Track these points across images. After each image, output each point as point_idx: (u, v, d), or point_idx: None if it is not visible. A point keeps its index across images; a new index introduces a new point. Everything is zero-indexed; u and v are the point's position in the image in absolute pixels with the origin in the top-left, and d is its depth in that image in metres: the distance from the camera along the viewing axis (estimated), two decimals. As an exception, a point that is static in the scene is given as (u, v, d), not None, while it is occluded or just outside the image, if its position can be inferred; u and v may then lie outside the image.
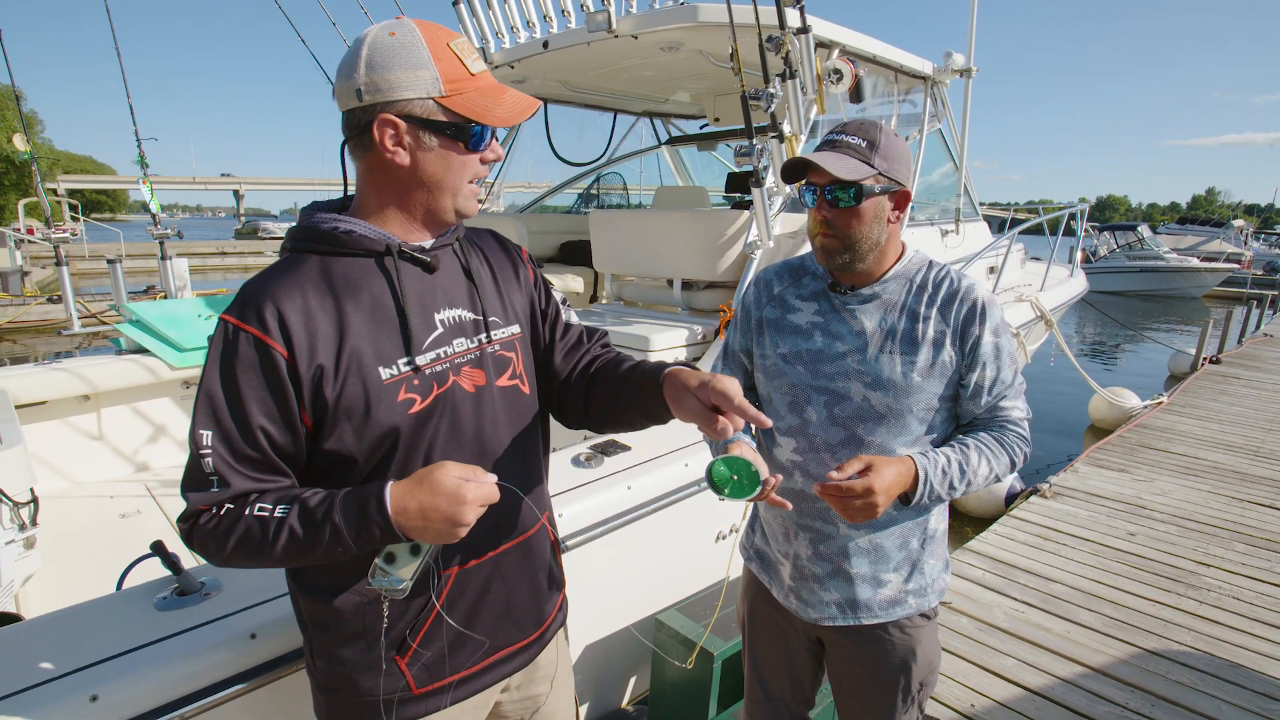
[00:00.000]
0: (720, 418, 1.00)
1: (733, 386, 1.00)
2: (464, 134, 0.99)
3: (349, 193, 1.10)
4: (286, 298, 0.95)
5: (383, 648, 1.05)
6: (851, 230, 1.27)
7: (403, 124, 0.96)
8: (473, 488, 0.91)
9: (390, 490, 0.92)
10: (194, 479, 0.95)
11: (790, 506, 1.27)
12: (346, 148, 1.02)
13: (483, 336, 1.11)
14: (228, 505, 0.94)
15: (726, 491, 1.16)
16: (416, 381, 1.02)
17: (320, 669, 1.09)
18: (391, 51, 0.94)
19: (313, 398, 0.96)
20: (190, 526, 0.96)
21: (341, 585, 1.04)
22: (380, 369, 0.99)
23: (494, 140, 1.04)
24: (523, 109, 1.02)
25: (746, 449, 1.25)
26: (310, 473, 1.02)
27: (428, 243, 1.07)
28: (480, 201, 1.12)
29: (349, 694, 1.08)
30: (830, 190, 1.26)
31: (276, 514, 0.93)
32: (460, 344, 1.08)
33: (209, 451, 0.93)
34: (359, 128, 0.97)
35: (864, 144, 1.26)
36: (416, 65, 0.94)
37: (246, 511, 0.94)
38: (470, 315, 1.10)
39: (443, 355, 1.05)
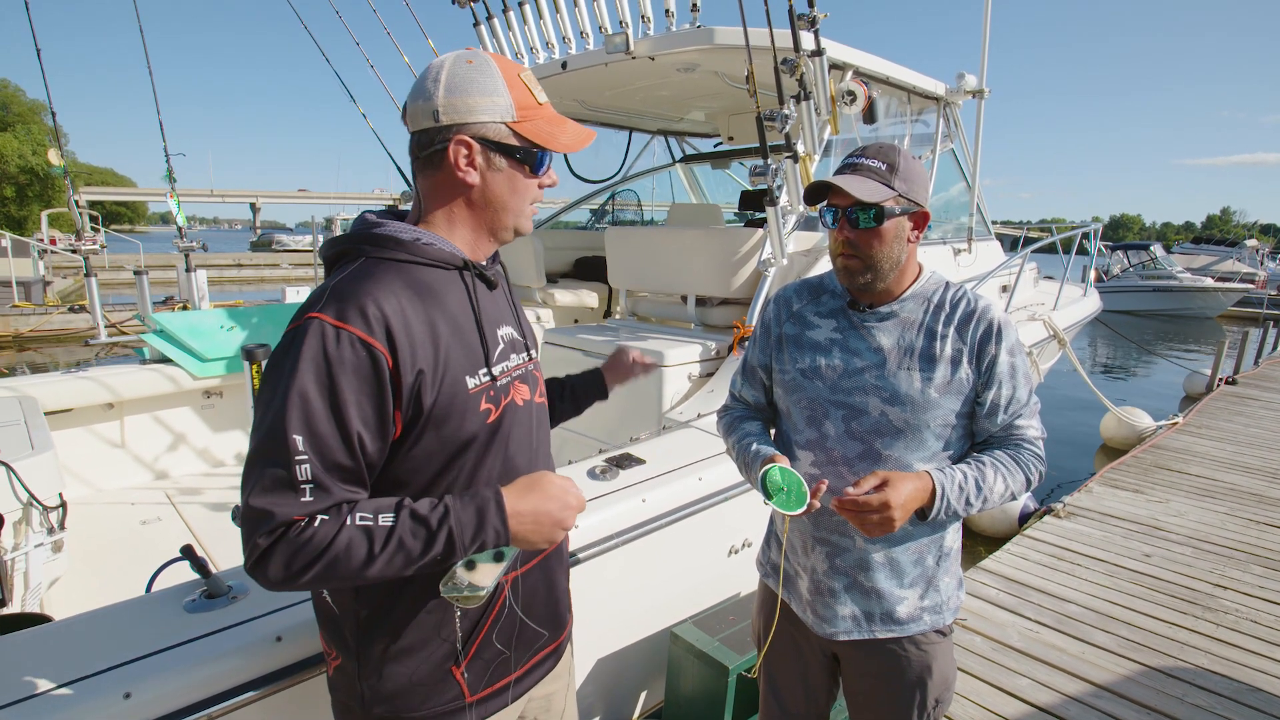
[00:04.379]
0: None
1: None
2: (530, 158, 1.05)
3: (401, 208, 1.15)
4: (386, 299, 0.93)
5: (449, 657, 1.06)
6: (873, 250, 1.31)
7: (476, 145, 1.01)
8: (575, 494, 0.98)
9: (505, 494, 0.96)
10: (282, 486, 0.87)
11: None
12: (413, 165, 1.07)
13: (524, 354, 1.17)
14: (322, 516, 0.88)
15: (775, 500, 1.19)
16: (492, 392, 1.05)
17: (372, 684, 1.05)
18: (470, 78, 1.00)
19: (410, 403, 0.95)
20: (275, 540, 0.86)
21: (412, 598, 1.04)
22: (466, 378, 1.02)
23: (550, 167, 1.11)
24: (583, 138, 1.10)
25: (788, 464, 1.29)
26: (383, 481, 0.99)
27: (484, 261, 1.13)
28: None
29: (402, 706, 1.06)
30: (852, 211, 1.30)
31: (381, 522, 0.89)
32: (513, 359, 1.13)
33: (305, 457, 0.87)
34: (431, 146, 1.02)
35: (884, 167, 1.29)
36: (493, 91, 1.00)
37: (347, 521, 0.88)
38: (515, 333, 1.16)
39: (506, 368, 1.10)
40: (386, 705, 1.06)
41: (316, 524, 0.88)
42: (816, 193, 1.34)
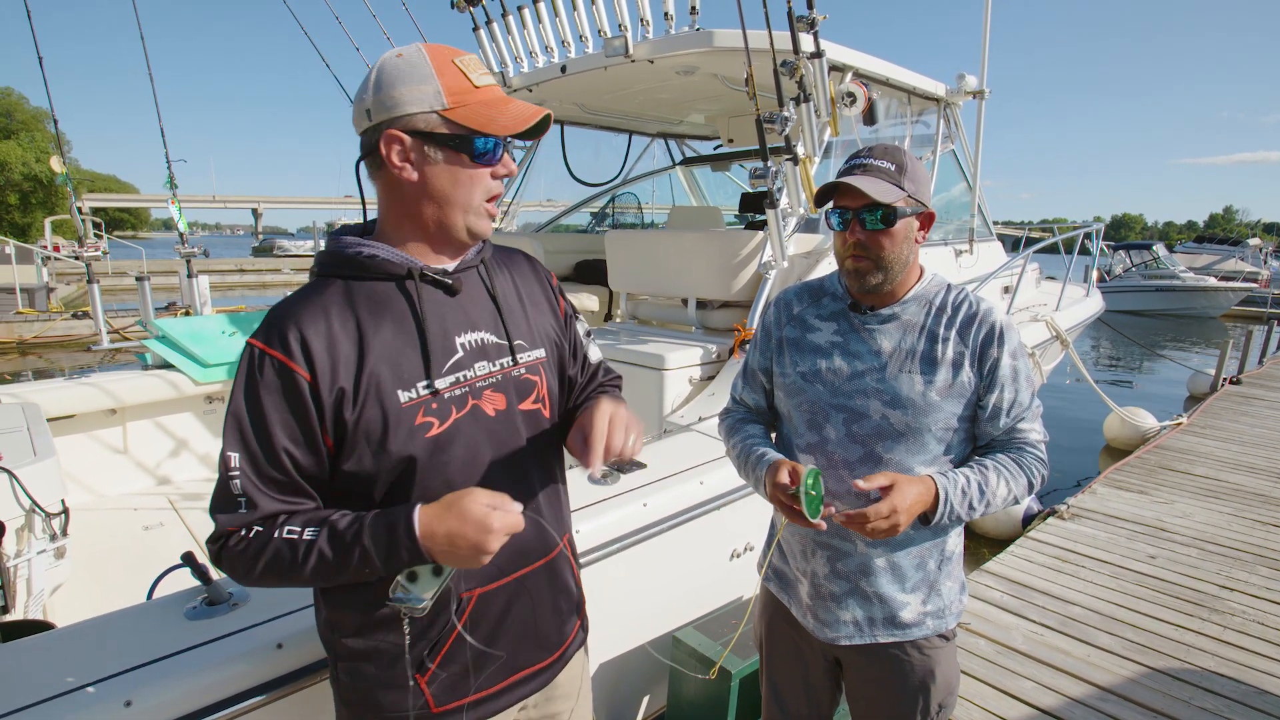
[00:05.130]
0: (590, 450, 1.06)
1: (600, 419, 1.07)
2: (468, 145, 1.00)
3: (368, 216, 1.12)
4: (310, 322, 0.98)
5: (405, 665, 1.06)
6: (885, 252, 1.30)
7: (408, 139, 0.98)
8: (499, 516, 0.92)
9: (419, 514, 0.93)
10: (223, 500, 0.97)
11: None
12: (365, 170, 1.05)
13: (506, 360, 1.11)
14: (256, 527, 0.96)
15: (802, 500, 1.20)
16: (435, 405, 1.02)
17: (344, 683, 1.11)
18: (397, 71, 0.98)
19: (334, 420, 0.98)
20: (220, 548, 0.97)
21: (366, 603, 1.05)
22: (399, 392, 1.00)
23: (507, 155, 1.05)
24: (526, 117, 1.02)
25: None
26: (333, 493, 1.03)
27: (450, 265, 1.09)
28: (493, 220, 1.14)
29: (370, 708, 1.08)
30: (862, 213, 1.29)
31: (305, 536, 0.95)
32: (482, 367, 1.08)
33: (237, 473, 0.96)
34: (370, 147, 1.01)
35: (893, 167, 1.29)
36: (419, 80, 0.97)
37: (276, 534, 0.95)
38: (493, 338, 1.11)
39: (463, 379, 1.06)
40: (361, 706, 1.09)
41: (251, 535, 0.96)
42: (826, 194, 1.34)
